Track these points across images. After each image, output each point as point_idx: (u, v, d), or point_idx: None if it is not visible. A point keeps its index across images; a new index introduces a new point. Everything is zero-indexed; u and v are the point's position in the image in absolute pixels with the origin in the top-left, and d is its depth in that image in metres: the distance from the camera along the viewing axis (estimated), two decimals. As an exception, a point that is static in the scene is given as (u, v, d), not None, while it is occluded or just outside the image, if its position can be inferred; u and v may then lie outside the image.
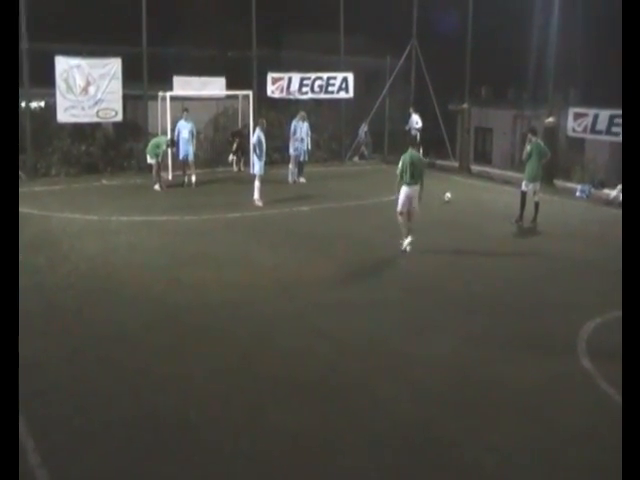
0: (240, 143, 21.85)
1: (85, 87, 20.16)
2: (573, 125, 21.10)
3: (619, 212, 13.91)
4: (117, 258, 12.35)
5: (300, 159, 20.72)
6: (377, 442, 6.40)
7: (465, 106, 24.06)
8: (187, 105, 20.29)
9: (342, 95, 24.45)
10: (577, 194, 19.71)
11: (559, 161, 21.61)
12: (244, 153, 21.92)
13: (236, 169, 22.16)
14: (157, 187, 18.86)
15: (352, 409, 7.03)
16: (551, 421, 6.87)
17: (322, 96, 24.21)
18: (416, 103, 25.16)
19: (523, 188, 15.46)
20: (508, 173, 22.78)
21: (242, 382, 7.58)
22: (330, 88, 24.21)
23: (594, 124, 20.37)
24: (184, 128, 19.54)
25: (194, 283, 10.95)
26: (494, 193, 19.94)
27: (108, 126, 21.95)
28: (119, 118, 20.97)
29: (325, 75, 24.02)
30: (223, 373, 7.82)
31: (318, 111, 24.41)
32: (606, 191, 19.17)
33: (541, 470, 6.03)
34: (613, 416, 6.52)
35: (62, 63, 19.83)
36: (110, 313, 9.60)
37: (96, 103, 20.35)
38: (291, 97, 23.61)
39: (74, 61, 20.01)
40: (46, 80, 19.80)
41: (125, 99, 21.07)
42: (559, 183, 20.76)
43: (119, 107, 20.76)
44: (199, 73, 21.58)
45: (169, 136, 19.57)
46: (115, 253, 12.67)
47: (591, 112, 20.48)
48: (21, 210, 14.97)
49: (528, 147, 15.40)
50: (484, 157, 27.43)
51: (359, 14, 24.27)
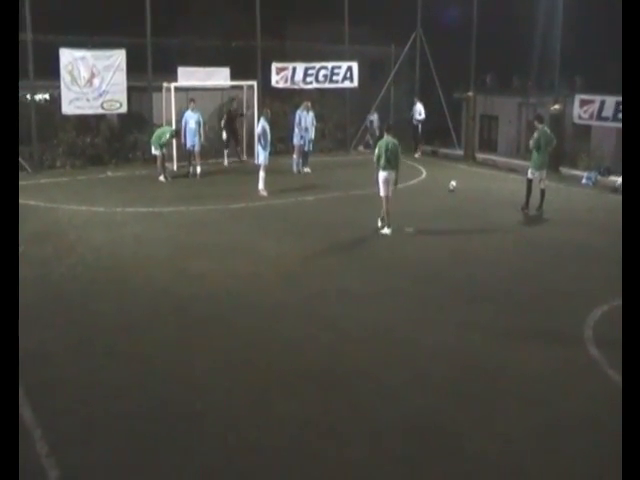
0: (233, 130, 21.52)
1: (90, 79, 20.16)
2: (579, 112, 21.01)
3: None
4: (123, 249, 12.38)
5: (305, 149, 20.70)
6: (382, 431, 6.42)
7: (470, 94, 23.98)
8: (192, 96, 20.26)
9: (347, 84, 24.39)
10: (583, 181, 19.64)
11: (565, 148, 21.52)
12: (238, 142, 21.70)
13: (226, 163, 21.46)
14: (162, 178, 18.87)
15: (357, 398, 7.05)
16: (557, 409, 6.87)
17: (327, 85, 24.15)
18: (421, 92, 25.11)
19: (529, 176, 15.41)
20: (514, 161, 22.72)
21: (247, 372, 7.60)
22: (335, 77, 24.13)
23: (600, 111, 20.28)
24: (191, 118, 19.43)
25: (199, 273, 10.98)
26: (499, 181, 19.90)
27: (113, 118, 21.97)
28: (124, 110, 20.97)
29: (329, 64, 23.95)
30: (228, 363, 7.84)
31: (323, 101, 24.38)
32: (612, 178, 19.07)
33: (546, 458, 6.03)
34: (619, 404, 6.51)
35: (67, 55, 19.82)
36: (116, 304, 9.63)
37: (101, 95, 20.35)
38: (295, 87, 23.57)
39: (79, 53, 19.99)
40: (51, 72, 19.81)
41: (130, 90, 21.04)
42: (565, 170, 20.68)
43: (124, 98, 20.74)
44: (203, 63, 21.52)
45: (174, 126, 19.55)
46: (121, 244, 12.71)
47: (597, 99, 20.39)
48: (27, 202, 15.09)
49: (536, 135, 15.32)
50: (489, 145, 27.34)
51: (363, 3, 24.15)
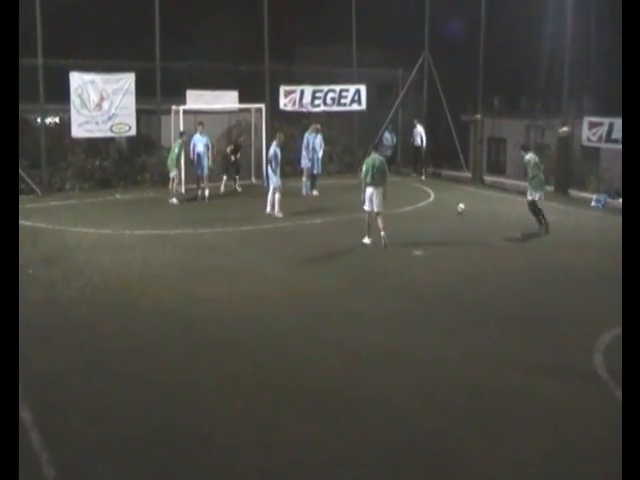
0: (235, 160, 21.17)
1: (99, 102, 20.30)
2: (588, 134, 20.96)
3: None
4: (131, 272, 12.38)
5: (313, 172, 20.71)
6: (392, 454, 6.35)
7: (478, 117, 24.03)
8: (200, 119, 20.34)
9: (355, 107, 24.47)
10: (592, 204, 19.57)
11: (574, 171, 21.50)
12: (238, 170, 21.27)
13: (222, 189, 20.72)
14: (175, 200, 18.84)
15: (366, 420, 6.99)
16: (567, 433, 6.79)
17: (335, 108, 24.24)
18: (429, 114, 25.21)
19: (536, 198, 15.47)
20: (522, 183, 22.60)
21: (256, 394, 7.55)
22: (343, 100, 24.23)
23: (609, 133, 20.23)
24: (199, 142, 19.40)
25: (207, 296, 10.96)
26: (508, 204, 19.85)
27: (122, 141, 22.10)
28: (133, 133, 21.09)
29: (338, 87, 24.06)
30: (237, 386, 7.80)
31: (331, 123, 24.46)
32: (622, 201, 19.00)
33: (558, 482, 5.97)
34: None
35: (76, 79, 19.99)
36: (124, 326, 9.62)
37: (110, 118, 20.48)
38: (303, 110, 23.66)
39: (88, 77, 20.15)
40: (61, 96, 19.98)
41: (138, 114, 21.19)
42: (574, 193, 20.65)
43: (133, 122, 20.87)
44: (212, 87, 21.66)
45: (179, 140, 19.19)
46: (129, 267, 12.71)
47: (606, 121, 20.34)
48: (36, 224, 15.16)
49: (531, 164, 15.55)
50: (498, 167, 27.35)
51: (371, 26, 24.32)
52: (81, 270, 12.33)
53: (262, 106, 22.03)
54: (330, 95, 23.96)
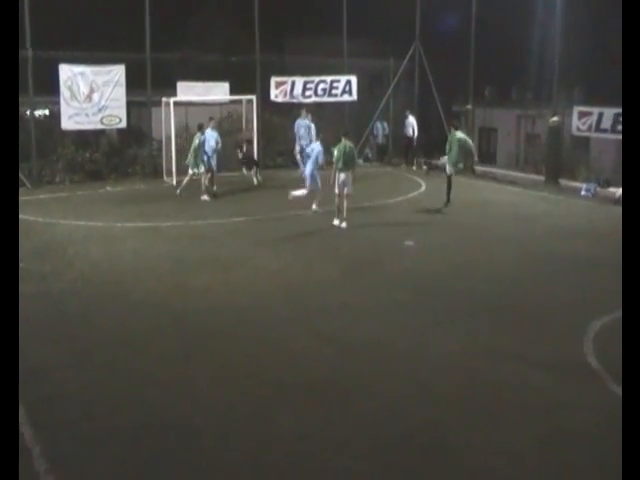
0: (247, 151, 21.04)
1: (89, 94, 20.21)
2: (577, 124, 21.04)
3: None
4: (122, 264, 12.36)
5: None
6: (385, 444, 6.37)
7: (469, 107, 24.04)
8: (190, 110, 20.22)
9: (346, 98, 24.42)
10: (582, 193, 19.63)
11: (564, 160, 21.56)
12: (254, 163, 21.03)
13: (255, 182, 20.55)
14: (206, 197, 18.18)
15: (359, 411, 7.01)
16: (559, 421, 6.82)
17: (325, 99, 24.19)
18: (420, 105, 25.17)
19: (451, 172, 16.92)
20: (512, 173, 22.74)
21: (248, 386, 7.56)
22: (334, 91, 24.18)
23: (599, 122, 20.31)
24: (211, 137, 18.67)
25: (199, 287, 10.95)
26: (498, 193, 19.90)
27: (112, 133, 22.02)
28: (123, 125, 21.00)
29: (328, 78, 24.01)
30: (229, 377, 7.80)
31: (322, 114, 24.39)
32: (612, 190, 19.08)
33: (550, 471, 5.99)
34: (620, 415, 6.47)
35: (66, 71, 19.89)
36: (116, 318, 9.60)
37: (100, 110, 20.39)
38: (294, 101, 23.60)
39: (78, 68, 20.05)
40: (50, 88, 19.87)
41: (129, 105, 21.09)
42: (564, 182, 20.71)
43: (123, 114, 20.78)
44: (203, 78, 21.60)
45: (199, 134, 18.43)
46: (120, 259, 12.68)
47: (595, 110, 20.42)
48: (26, 218, 15.07)
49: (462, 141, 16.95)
50: (488, 157, 27.37)
51: (362, 17, 24.25)
52: (72, 263, 12.30)
53: (253, 97, 21.97)
54: (321, 86, 23.92)
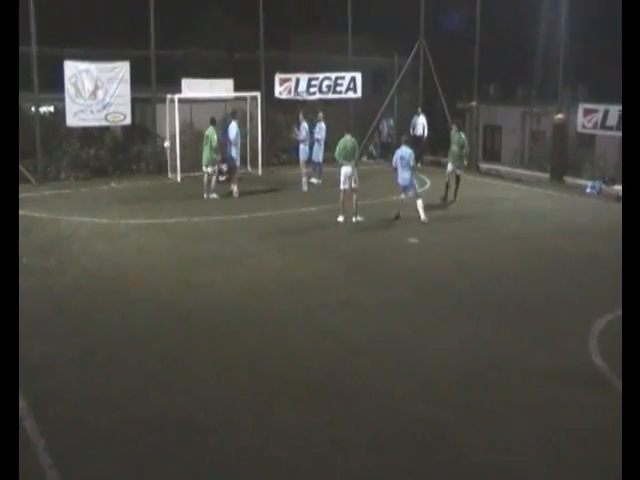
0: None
1: (94, 91, 20.19)
2: (583, 121, 20.97)
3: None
4: (126, 260, 12.37)
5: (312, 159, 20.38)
6: (387, 441, 6.38)
7: (473, 104, 24.00)
8: (195, 107, 20.16)
9: (350, 95, 24.36)
10: (587, 190, 19.60)
11: (569, 157, 21.52)
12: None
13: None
14: (214, 195, 17.90)
15: (360, 408, 7.01)
16: (561, 420, 6.82)
17: (330, 96, 24.11)
18: (424, 102, 25.11)
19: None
20: (517, 171, 22.70)
21: (251, 383, 7.57)
22: (338, 88, 24.11)
23: (604, 120, 20.24)
24: (233, 128, 18.40)
25: (202, 284, 10.96)
26: (503, 191, 19.87)
27: (117, 129, 22.01)
28: (128, 121, 20.98)
29: (333, 75, 23.94)
30: (232, 374, 7.81)
31: (326, 111, 24.33)
32: (617, 187, 19.01)
33: (552, 470, 5.99)
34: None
35: (71, 67, 19.88)
36: (119, 315, 9.62)
37: (105, 107, 20.37)
38: (299, 98, 23.56)
39: (83, 65, 20.04)
40: (55, 85, 19.88)
41: (133, 102, 21.08)
42: (569, 180, 20.68)
43: (127, 110, 20.76)
44: (207, 75, 21.57)
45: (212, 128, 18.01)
46: (124, 255, 12.70)
47: (601, 108, 20.35)
48: (31, 214, 15.11)
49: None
50: (493, 155, 27.34)
51: (366, 14, 24.25)
52: (76, 259, 12.32)
53: (257, 94, 21.96)
54: (326, 83, 23.85)
